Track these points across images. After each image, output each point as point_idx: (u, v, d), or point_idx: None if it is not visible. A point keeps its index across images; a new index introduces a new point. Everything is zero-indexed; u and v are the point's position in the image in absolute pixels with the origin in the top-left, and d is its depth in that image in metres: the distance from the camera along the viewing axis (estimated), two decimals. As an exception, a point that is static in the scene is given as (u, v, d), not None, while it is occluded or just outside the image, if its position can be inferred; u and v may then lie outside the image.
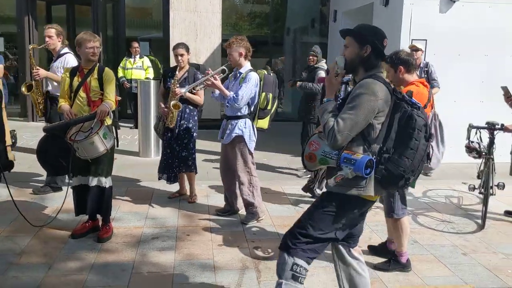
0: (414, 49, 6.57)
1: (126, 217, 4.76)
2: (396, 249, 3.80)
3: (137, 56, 9.70)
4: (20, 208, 4.24)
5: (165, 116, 5.00)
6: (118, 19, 11.17)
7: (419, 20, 7.21)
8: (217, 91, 4.62)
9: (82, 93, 4.07)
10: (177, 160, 5.11)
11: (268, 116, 4.58)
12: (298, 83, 6.66)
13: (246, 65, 4.55)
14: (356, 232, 2.77)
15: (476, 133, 4.82)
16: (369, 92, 2.44)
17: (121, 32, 11.22)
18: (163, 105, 5.02)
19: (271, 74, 4.66)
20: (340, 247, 2.77)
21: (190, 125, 5.06)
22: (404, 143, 2.44)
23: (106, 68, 4.18)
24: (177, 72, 5.03)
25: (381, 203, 3.99)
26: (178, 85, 4.91)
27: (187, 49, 5.05)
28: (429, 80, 6.53)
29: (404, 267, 3.74)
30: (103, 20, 10.84)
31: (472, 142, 4.81)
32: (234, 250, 4.06)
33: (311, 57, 6.71)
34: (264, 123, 4.57)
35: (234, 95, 4.41)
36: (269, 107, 4.56)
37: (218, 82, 4.49)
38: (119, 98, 4.45)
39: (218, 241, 4.19)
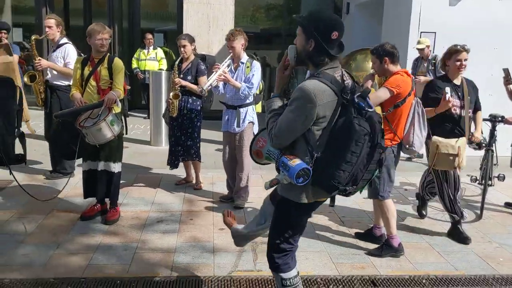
0: (419, 49, 6.66)
1: (133, 202, 4.96)
2: (387, 233, 3.93)
3: (151, 48, 9.88)
4: (32, 192, 4.45)
5: (169, 106, 5.18)
6: (133, 11, 11.36)
7: (429, 13, 7.22)
8: (220, 87, 4.77)
9: (92, 82, 4.26)
10: (182, 148, 5.28)
11: (261, 101, 4.76)
12: None
13: (244, 55, 4.73)
14: None
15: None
16: (306, 98, 2.24)
17: (136, 23, 11.41)
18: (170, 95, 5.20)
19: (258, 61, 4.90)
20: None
21: (193, 115, 5.20)
22: (341, 155, 2.23)
23: (116, 58, 4.36)
24: (176, 63, 5.16)
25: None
26: (181, 76, 5.06)
27: (191, 40, 5.16)
28: (436, 73, 6.58)
29: (397, 251, 3.87)
30: (118, 12, 11.05)
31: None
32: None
33: None
34: (259, 107, 4.78)
35: (248, 84, 4.58)
36: (259, 92, 4.78)
37: (229, 76, 4.63)
38: (128, 87, 4.61)
39: (219, 225, 4.35)
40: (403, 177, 6.18)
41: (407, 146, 3.76)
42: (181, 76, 5.10)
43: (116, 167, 4.37)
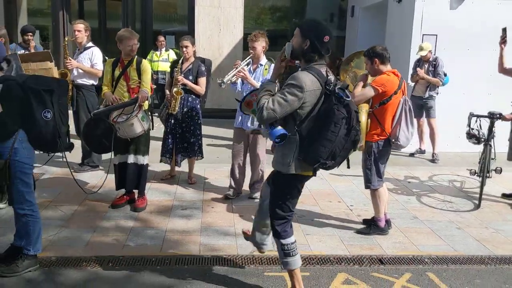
0: (422, 55, 7.01)
1: (157, 193, 5.37)
2: (375, 215, 4.38)
3: (163, 49, 10.29)
4: (64, 183, 4.87)
5: (169, 103, 5.42)
6: (146, 13, 11.77)
7: (430, 16, 7.60)
8: (238, 85, 5.07)
9: (122, 82, 4.68)
10: (185, 144, 5.52)
11: None
12: None
13: (264, 58, 5.06)
14: None
15: (476, 121, 5.27)
16: (297, 84, 2.79)
17: (149, 26, 11.82)
18: (168, 93, 5.46)
19: None
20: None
21: (194, 113, 5.48)
22: (323, 134, 2.78)
23: (144, 60, 4.79)
24: (180, 62, 5.44)
25: None
26: (182, 75, 5.32)
27: (192, 42, 5.47)
28: (435, 74, 6.98)
29: (382, 230, 4.37)
30: (132, 15, 11.47)
31: (472, 129, 5.27)
32: (252, 219, 4.61)
33: None
34: None
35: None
36: None
37: (248, 74, 4.92)
38: (154, 86, 5.02)
39: (238, 212, 4.75)
40: (408, 171, 6.57)
41: (393, 140, 4.16)
42: (182, 75, 5.35)
43: (144, 160, 4.78)
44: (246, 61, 5.00)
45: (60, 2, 10.89)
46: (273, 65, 4.99)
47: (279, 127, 2.87)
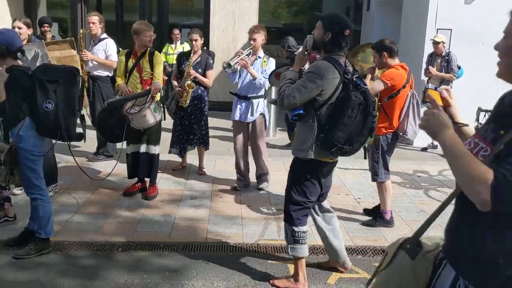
0: (434, 42, 7.01)
1: (168, 182, 5.49)
2: (381, 208, 4.43)
3: (178, 42, 10.37)
4: (79, 171, 4.99)
5: (179, 95, 5.48)
6: (162, 6, 11.89)
7: (445, 10, 7.56)
8: (236, 76, 5.13)
9: (135, 73, 4.80)
10: (194, 137, 5.62)
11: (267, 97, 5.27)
12: None
13: (261, 51, 5.15)
14: (324, 190, 3.33)
15: (484, 115, 5.27)
16: (317, 72, 2.95)
17: (165, 19, 11.94)
18: (176, 84, 5.53)
19: None
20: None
21: (203, 105, 5.59)
22: (340, 119, 2.91)
23: (156, 52, 4.90)
24: (192, 55, 5.55)
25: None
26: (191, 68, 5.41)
27: (201, 35, 5.57)
28: (448, 69, 6.96)
29: (388, 223, 4.41)
30: (149, 8, 11.61)
31: (481, 123, 5.26)
32: (259, 210, 4.73)
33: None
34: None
35: (265, 75, 5.00)
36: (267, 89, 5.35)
37: (248, 63, 4.97)
38: (166, 78, 5.13)
39: (246, 202, 4.86)
40: (418, 166, 6.59)
41: (401, 134, 4.21)
42: (191, 68, 5.43)
43: (156, 150, 4.91)
44: (247, 50, 5.07)
45: (79, -5, 11.09)
46: (271, 58, 5.06)
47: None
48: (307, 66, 3.41)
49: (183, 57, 5.67)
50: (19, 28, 4.88)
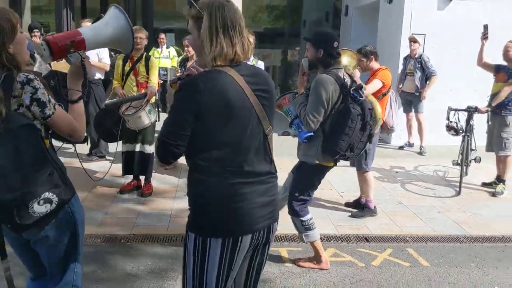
0: (413, 40, 7.44)
1: (162, 180, 5.77)
2: (366, 198, 4.83)
3: (164, 46, 10.63)
4: (74, 172, 5.20)
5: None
6: (146, 10, 12.10)
7: (419, 16, 8.03)
8: None
9: (132, 76, 5.07)
10: None
11: None
12: None
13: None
14: None
15: (454, 114, 5.70)
16: (323, 86, 3.23)
17: (150, 23, 12.15)
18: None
19: None
20: None
21: None
22: (342, 129, 3.22)
23: (152, 57, 5.17)
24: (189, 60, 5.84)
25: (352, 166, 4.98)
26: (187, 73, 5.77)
27: None
28: (423, 69, 7.41)
29: (373, 212, 4.81)
30: (133, 12, 11.82)
31: (451, 122, 5.70)
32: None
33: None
34: None
35: None
36: None
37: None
38: (161, 81, 5.42)
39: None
40: (396, 163, 7.00)
41: (389, 126, 4.62)
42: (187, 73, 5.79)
43: (150, 149, 5.17)
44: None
45: (63, 0, 11.25)
46: (260, 61, 5.39)
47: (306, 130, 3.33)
48: None
49: (182, 63, 6.01)
50: None
